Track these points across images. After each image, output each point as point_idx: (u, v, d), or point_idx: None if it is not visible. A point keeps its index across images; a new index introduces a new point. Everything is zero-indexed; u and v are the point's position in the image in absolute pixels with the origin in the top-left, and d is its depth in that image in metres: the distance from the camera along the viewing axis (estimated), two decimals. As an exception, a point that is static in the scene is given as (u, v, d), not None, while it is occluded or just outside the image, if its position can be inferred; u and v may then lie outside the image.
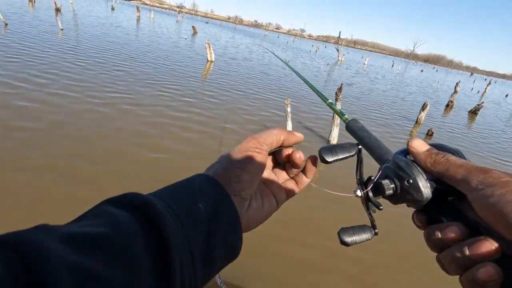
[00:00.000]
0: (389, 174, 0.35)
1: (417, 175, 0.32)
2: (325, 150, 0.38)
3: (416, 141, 0.35)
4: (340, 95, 4.81)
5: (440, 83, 27.51)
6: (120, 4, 57.65)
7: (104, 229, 0.24)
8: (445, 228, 0.29)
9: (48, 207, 2.49)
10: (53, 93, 4.95)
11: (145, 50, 11.28)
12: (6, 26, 10.08)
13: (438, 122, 9.66)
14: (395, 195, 0.34)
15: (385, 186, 0.34)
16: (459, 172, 0.29)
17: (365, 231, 0.36)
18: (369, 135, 0.44)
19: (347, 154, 0.39)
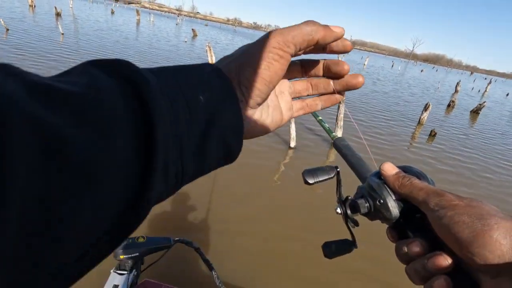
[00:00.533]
0: (364, 194, 0.39)
1: (387, 196, 0.36)
2: (307, 172, 0.41)
3: (387, 165, 0.37)
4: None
5: (441, 83, 27.52)
6: (120, 8, 57.90)
7: (81, 89, 0.21)
8: (410, 243, 0.32)
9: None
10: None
11: (146, 54, 11.30)
12: (8, 31, 10.10)
13: (440, 122, 9.63)
14: (369, 213, 0.38)
15: (360, 205, 0.38)
16: (420, 195, 0.33)
17: (347, 244, 0.40)
18: (352, 154, 0.48)
19: (326, 177, 0.42)
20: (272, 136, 5.18)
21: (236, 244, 2.61)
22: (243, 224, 2.89)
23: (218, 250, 2.49)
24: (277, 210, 3.19)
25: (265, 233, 2.81)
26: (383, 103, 10.98)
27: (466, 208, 0.29)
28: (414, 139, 7.21)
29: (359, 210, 0.38)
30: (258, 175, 3.86)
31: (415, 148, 6.56)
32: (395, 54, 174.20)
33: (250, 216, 3.03)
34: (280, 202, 3.36)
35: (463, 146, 7.14)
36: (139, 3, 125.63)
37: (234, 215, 2.98)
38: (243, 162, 4.08)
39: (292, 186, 3.74)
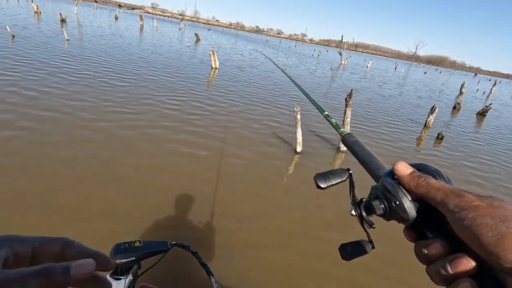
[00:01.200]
0: (379, 195, 0.38)
1: (402, 197, 0.35)
2: (319, 176, 0.41)
3: (401, 165, 0.37)
4: (350, 101, 4.73)
5: (445, 85, 27.32)
6: (124, 14, 58.46)
7: None
8: (430, 245, 0.32)
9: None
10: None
11: (150, 60, 11.33)
12: (14, 38, 10.19)
13: (447, 124, 9.51)
14: (385, 214, 0.37)
15: (375, 207, 0.37)
16: (438, 195, 0.32)
17: (363, 245, 0.40)
18: (362, 150, 0.47)
19: (339, 180, 0.41)
20: (278, 141, 5.13)
21: (235, 249, 2.57)
22: (244, 228, 2.85)
23: (216, 255, 2.46)
24: (281, 216, 3.13)
25: (266, 239, 2.77)
26: (388, 106, 10.88)
27: (488, 209, 0.28)
28: (421, 142, 7.11)
29: (375, 212, 0.37)
30: (264, 180, 3.80)
31: (422, 151, 6.46)
32: (397, 56, 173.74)
33: (253, 221, 2.98)
34: (285, 208, 3.30)
35: (470, 149, 7.03)
36: (142, 9, 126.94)
37: (237, 220, 2.94)
38: (249, 167, 4.03)
39: (298, 191, 3.67)
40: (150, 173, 3.45)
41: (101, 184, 3.07)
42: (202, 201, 3.11)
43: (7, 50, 8.28)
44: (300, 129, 4.54)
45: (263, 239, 2.75)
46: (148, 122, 4.94)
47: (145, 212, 2.76)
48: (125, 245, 0.92)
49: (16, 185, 2.81)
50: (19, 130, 3.86)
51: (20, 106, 4.60)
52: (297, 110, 4.41)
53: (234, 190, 3.46)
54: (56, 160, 3.33)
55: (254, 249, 2.60)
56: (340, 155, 5.08)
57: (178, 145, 4.31)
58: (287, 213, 3.21)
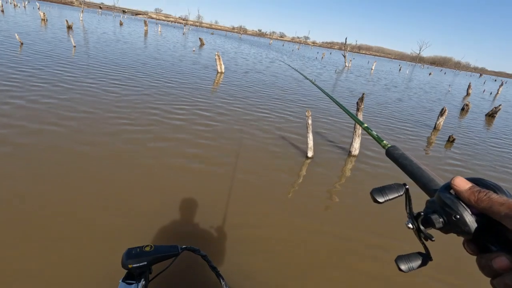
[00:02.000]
0: (437, 209, 0.39)
1: (463, 211, 0.36)
2: (376, 191, 0.42)
3: (459, 179, 0.37)
4: (362, 105, 4.66)
5: (451, 86, 27.07)
6: (128, 19, 59.09)
7: None
8: (495, 258, 0.32)
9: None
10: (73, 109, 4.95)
11: (156, 65, 11.37)
12: (22, 45, 10.31)
13: (456, 126, 9.37)
14: (444, 228, 0.38)
15: (434, 220, 0.38)
16: (502, 210, 0.32)
17: (420, 258, 0.40)
18: (411, 163, 0.46)
19: (396, 194, 0.42)
20: (289, 146, 5.07)
21: (245, 252, 2.55)
22: (253, 232, 2.82)
23: (226, 258, 2.45)
24: (290, 222, 3.07)
25: (276, 243, 2.74)
26: (396, 109, 10.78)
27: None
28: (431, 145, 7.00)
29: (434, 225, 0.38)
30: (273, 185, 3.75)
31: (433, 154, 6.35)
32: (401, 57, 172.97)
33: (263, 225, 2.95)
34: (294, 213, 3.24)
35: (482, 151, 6.90)
36: (146, 14, 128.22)
37: (246, 224, 2.92)
38: (258, 172, 3.98)
39: (308, 198, 3.61)
40: (159, 181, 3.41)
41: (109, 192, 3.04)
42: (212, 205, 3.08)
43: (16, 56, 8.36)
44: (311, 134, 4.48)
45: (274, 243, 2.72)
46: (156, 133, 4.92)
47: (155, 217, 2.75)
48: (136, 250, 0.94)
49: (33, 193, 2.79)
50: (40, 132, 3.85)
51: (38, 111, 4.62)
52: (308, 115, 4.36)
53: (244, 196, 3.41)
54: (66, 165, 3.31)
55: (264, 252, 2.57)
56: (351, 159, 5.00)
57: (188, 149, 4.27)
58: (298, 218, 3.14)
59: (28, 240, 2.28)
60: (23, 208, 2.60)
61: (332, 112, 8.25)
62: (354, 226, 3.18)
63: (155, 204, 2.98)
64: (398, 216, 3.30)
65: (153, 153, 4.03)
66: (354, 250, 2.81)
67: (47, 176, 3.12)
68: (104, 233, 2.48)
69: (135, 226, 2.61)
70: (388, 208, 3.58)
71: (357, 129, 4.78)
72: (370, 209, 3.53)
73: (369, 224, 3.26)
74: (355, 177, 4.39)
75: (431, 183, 0.43)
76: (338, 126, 6.94)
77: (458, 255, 2.83)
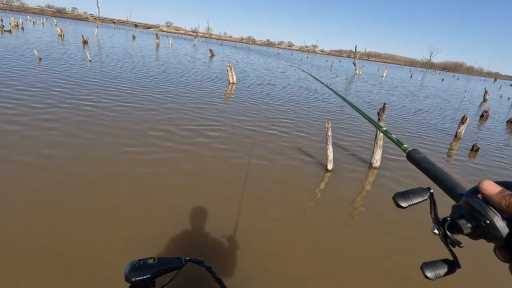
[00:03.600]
0: (464, 214, 0.37)
1: (493, 216, 0.34)
2: (399, 196, 0.40)
3: (487, 183, 0.36)
4: (383, 115, 4.50)
5: (467, 92, 26.43)
6: (140, 33, 60.83)
7: None
8: None
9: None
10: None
11: (169, 78, 11.50)
12: (41, 61, 10.62)
13: (477, 134, 9.02)
14: (473, 233, 0.36)
15: (462, 226, 0.37)
16: None
17: (447, 265, 0.39)
18: (434, 167, 0.45)
19: (420, 199, 0.40)
20: (308, 158, 4.93)
21: (254, 265, 2.48)
22: (264, 245, 2.74)
23: (231, 270, 2.40)
24: (306, 238, 2.93)
25: (288, 258, 2.63)
26: (412, 115, 10.50)
27: None
28: (451, 154, 6.71)
29: (461, 231, 0.37)
30: (290, 200, 3.60)
31: (456, 164, 6.07)
32: (411, 64, 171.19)
33: (275, 239, 2.85)
34: (311, 229, 3.08)
35: (510, 160, 6.56)
36: (157, 27, 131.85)
37: (256, 237, 2.84)
38: (274, 185, 3.84)
39: (327, 213, 3.44)
40: (167, 192, 3.32)
41: (112, 203, 2.96)
42: (221, 219, 3.00)
43: (35, 72, 8.59)
44: (331, 146, 4.33)
45: (285, 258, 2.60)
46: (172, 142, 4.87)
47: (159, 229, 2.73)
48: (140, 262, 0.92)
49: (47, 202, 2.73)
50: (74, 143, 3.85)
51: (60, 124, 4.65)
52: (328, 126, 4.22)
53: (257, 208, 3.28)
54: (73, 178, 3.27)
55: (274, 267, 2.48)
56: (372, 171, 4.81)
57: (199, 160, 4.19)
58: (315, 235, 2.97)
59: (39, 251, 2.21)
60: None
61: (352, 123, 8.07)
62: (376, 243, 2.99)
63: (158, 215, 2.92)
64: (425, 236, 3.09)
65: (163, 163, 3.96)
66: (376, 270, 2.61)
67: (64, 185, 3.08)
68: (106, 245, 2.46)
69: (138, 238, 2.59)
70: (413, 224, 3.38)
71: (378, 139, 4.61)
72: (393, 228, 3.33)
73: (393, 242, 3.06)
74: (376, 191, 4.19)
75: (456, 187, 0.41)
76: (358, 137, 6.75)
77: (487, 262, 2.65)
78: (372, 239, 3.07)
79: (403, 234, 3.21)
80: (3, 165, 3.43)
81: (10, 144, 3.97)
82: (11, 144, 3.98)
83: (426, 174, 0.45)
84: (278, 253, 2.66)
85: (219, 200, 3.37)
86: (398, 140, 0.53)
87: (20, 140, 4.12)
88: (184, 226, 2.83)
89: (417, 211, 3.54)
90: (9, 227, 2.50)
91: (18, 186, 3.09)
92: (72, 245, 2.42)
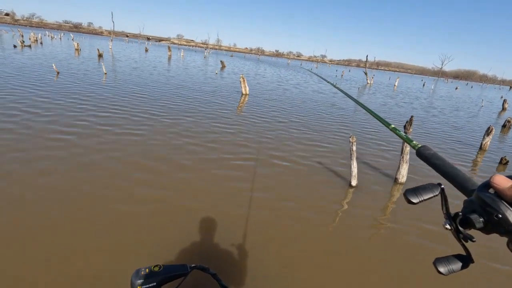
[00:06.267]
0: (476, 208, 0.37)
1: (505, 210, 0.35)
2: (410, 192, 0.40)
3: (499, 177, 0.36)
4: (410, 128, 4.28)
5: (484, 100, 25.72)
6: (152, 46, 62.43)
7: None
8: None
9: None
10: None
11: (181, 90, 11.56)
12: (58, 74, 10.87)
13: (502, 145, 8.61)
14: (485, 228, 0.36)
15: (474, 220, 0.37)
16: None
17: (460, 260, 0.39)
18: (444, 162, 0.45)
19: (431, 195, 0.40)
20: (331, 173, 4.72)
21: (263, 273, 2.41)
22: (274, 256, 2.65)
23: (237, 277, 2.34)
24: (326, 257, 2.76)
25: (300, 270, 2.52)
26: (431, 127, 10.16)
27: None
28: (476, 168, 6.36)
29: (474, 226, 0.37)
30: (313, 216, 3.41)
31: (481, 177, 5.72)
32: (422, 72, 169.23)
33: (288, 250, 2.72)
34: (333, 248, 2.90)
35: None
36: (169, 40, 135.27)
37: (267, 247, 2.78)
38: (297, 201, 3.65)
39: (349, 231, 3.23)
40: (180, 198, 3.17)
41: (119, 210, 2.83)
42: (230, 229, 2.89)
43: (52, 86, 8.75)
44: (355, 161, 4.13)
45: (297, 269, 2.43)
46: (187, 150, 4.76)
47: (165, 236, 2.71)
48: (145, 270, 0.92)
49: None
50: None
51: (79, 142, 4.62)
52: (353, 141, 4.03)
53: (275, 221, 3.08)
54: (75, 183, 3.16)
55: (285, 278, 2.39)
56: (398, 187, 4.56)
57: (212, 170, 4.04)
58: (334, 254, 2.75)
59: (44, 262, 2.09)
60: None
61: (377, 137, 7.82)
62: (402, 267, 2.74)
63: (164, 223, 2.89)
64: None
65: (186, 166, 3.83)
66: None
67: (76, 191, 2.98)
68: (111, 253, 2.44)
69: (144, 245, 2.57)
70: (440, 244, 3.10)
71: (405, 154, 4.38)
72: (422, 255, 3.07)
73: (422, 271, 2.80)
74: (402, 210, 3.93)
75: (467, 183, 0.41)
76: (383, 151, 6.50)
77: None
78: (397, 262, 2.82)
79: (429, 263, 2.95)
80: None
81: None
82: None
83: (436, 170, 0.45)
84: (291, 267, 2.55)
85: (230, 211, 3.28)
86: (407, 137, 0.52)
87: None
88: (191, 233, 2.79)
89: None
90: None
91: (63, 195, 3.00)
92: (78, 253, 2.40)
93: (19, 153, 4.06)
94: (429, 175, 5.06)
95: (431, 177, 4.93)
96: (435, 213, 3.78)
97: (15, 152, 4.09)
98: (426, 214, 3.77)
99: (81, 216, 2.89)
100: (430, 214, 3.77)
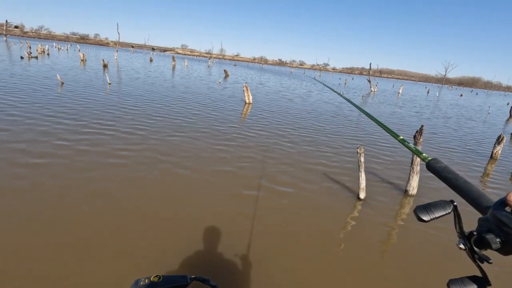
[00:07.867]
0: (492, 228, 0.35)
1: None
2: (421, 209, 0.39)
3: None
4: (420, 138, 4.12)
5: (490, 107, 25.41)
6: (157, 56, 63.32)
7: None
8: None
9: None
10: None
11: (185, 99, 11.54)
12: (62, 85, 10.93)
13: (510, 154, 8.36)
14: (503, 249, 0.34)
15: (490, 241, 0.35)
16: None
17: (475, 282, 0.36)
18: (456, 177, 0.43)
19: (443, 213, 0.38)
20: (339, 185, 4.55)
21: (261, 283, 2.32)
22: (279, 271, 2.52)
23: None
24: (332, 274, 2.59)
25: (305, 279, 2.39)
26: (441, 136, 9.96)
27: None
28: (487, 178, 6.13)
29: (490, 246, 0.35)
30: (319, 230, 3.25)
31: (495, 192, 5.50)
32: (425, 79, 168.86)
33: (291, 268, 2.59)
34: (339, 265, 2.71)
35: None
36: (173, 50, 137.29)
37: (271, 262, 2.64)
38: (302, 214, 3.49)
39: (357, 247, 3.04)
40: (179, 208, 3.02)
41: (123, 221, 2.69)
42: (233, 239, 2.81)
43: (56, 96, 8.77)
44: (363, 173, 3.97)
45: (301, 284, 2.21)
46: (190, 161, 4.64)
47: (165, 246, 2.66)
48: (144, 280, 0.91)
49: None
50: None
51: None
52: (360, 152, 3.88)
53: (277, 236, 2.92)
54: (78, 195, 3.03)
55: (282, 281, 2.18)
56: (408, 199, 4.37)
57: (214, 180, 3.90)
58: (340, 271, 2.56)
59: (44, 271, 1.95)
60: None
61: (385, 147, 7.65)
62: (416, 286, 2.55)
63: (166, 233, 2.82)
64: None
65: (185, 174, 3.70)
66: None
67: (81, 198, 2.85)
68: (111, 262, 2.38)
69: (143, 255, 2.51)
70: (455, 261, 2.90)
71: (415, 165, 4.21)
72: (436, 274, 2.87)
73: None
74: (413, 224, 3.74)
75: (481, 199, 0.39)
76: (392, 162, 6.31)
77: None
78: (407, 280, 2.63)
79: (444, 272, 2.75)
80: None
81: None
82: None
83: (448, 184, 0.43)
84: (296, 282, 2.42)
85: (232, 222, 3.19)
86: (416, 149, 0.50)
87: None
88: (192, 244, 2.72)
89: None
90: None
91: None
92: (77, 263, 2.35)
93: (18, 166, 3.96)
94: (441, 186, 4.86)
95: (444, 189, 4.73)
96: (450, 227, 3.58)
97: (14, 165, 3.99)
98: (440, 228, 3.58)
99: (79, 227, 2.80)
100: (445, 228, 3.58)
